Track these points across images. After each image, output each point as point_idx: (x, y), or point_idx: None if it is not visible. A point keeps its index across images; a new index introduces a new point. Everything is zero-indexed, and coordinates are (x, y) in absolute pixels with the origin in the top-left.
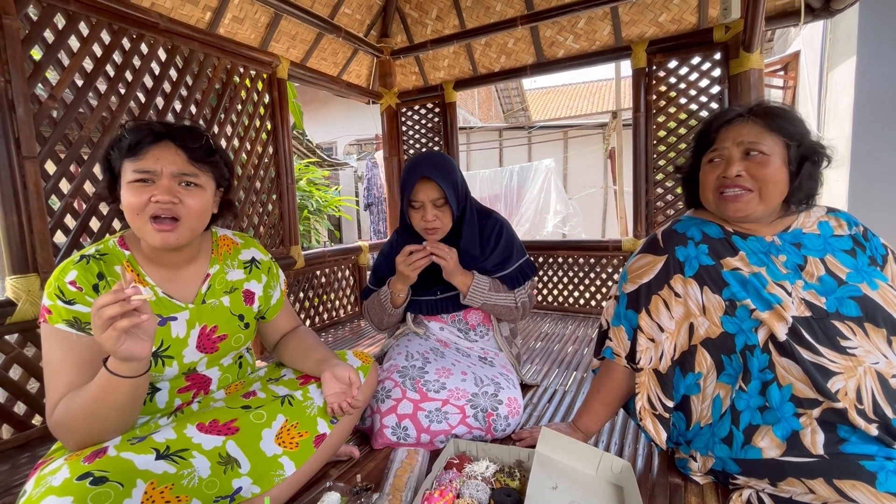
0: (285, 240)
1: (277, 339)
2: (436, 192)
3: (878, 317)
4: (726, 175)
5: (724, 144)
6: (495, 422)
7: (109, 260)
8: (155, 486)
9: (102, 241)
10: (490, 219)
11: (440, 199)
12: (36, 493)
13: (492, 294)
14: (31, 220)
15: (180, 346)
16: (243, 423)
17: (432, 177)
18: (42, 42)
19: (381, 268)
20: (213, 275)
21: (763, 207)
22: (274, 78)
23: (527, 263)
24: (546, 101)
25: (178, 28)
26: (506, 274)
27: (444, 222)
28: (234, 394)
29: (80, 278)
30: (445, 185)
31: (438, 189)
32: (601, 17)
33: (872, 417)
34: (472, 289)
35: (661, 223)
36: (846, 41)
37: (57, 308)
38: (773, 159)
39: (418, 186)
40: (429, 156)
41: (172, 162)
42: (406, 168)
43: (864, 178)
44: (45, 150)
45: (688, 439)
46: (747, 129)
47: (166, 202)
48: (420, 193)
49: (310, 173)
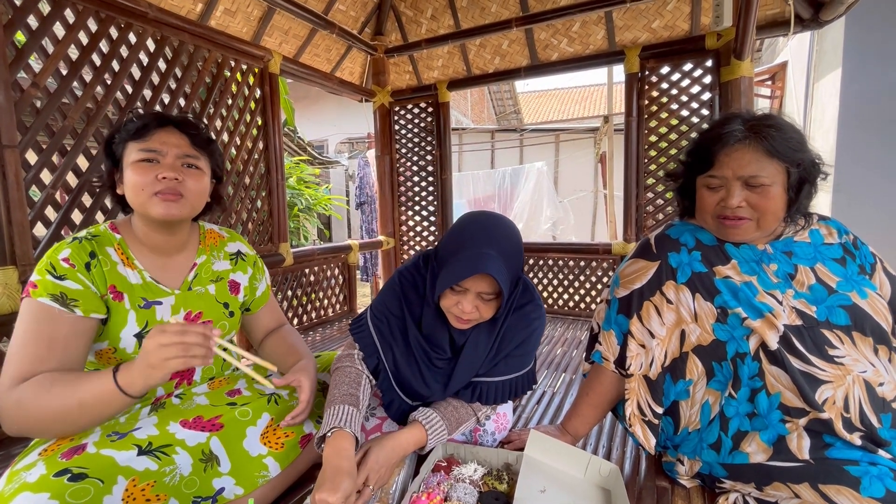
0: (274, 237)
1: (262, 335)
2: (491, 287)
3: (865, 326)
4: (726, 205)
5: (724, 173)
6: (482, 437)
7: (100, 241)
8: (136, 483)
9: (94, 226)
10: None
11: (492, 294)
12: (8, 489)
13: (452, 430)
14: (10, 211)
15: None
16: (228, 420)
17: (494, 274)
18: (26, 28)
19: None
20: (199, 264)
21: (760, 233)
22: (266, 72)
23: (525, 378)
24: (538, 105)
25: (167, 18)
26: (492, 382)
27: (484, 315)
28: (218, 390)
29: (74, 256)
30: (504, 279)
31: (496, 285)
32: (595, 22)
33: (858, 426)
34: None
35: (651, 227)
36: (832, 53)
37: (44, 282)
38: (774, 189)
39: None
40: (496, 237)
41: (177, 144)
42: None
43: (848, 188)
44: (27, 139)
45: (675, 444)
46: (749, 156)
47: (171, 178)
48: (468, 281)
49: (300, 171)
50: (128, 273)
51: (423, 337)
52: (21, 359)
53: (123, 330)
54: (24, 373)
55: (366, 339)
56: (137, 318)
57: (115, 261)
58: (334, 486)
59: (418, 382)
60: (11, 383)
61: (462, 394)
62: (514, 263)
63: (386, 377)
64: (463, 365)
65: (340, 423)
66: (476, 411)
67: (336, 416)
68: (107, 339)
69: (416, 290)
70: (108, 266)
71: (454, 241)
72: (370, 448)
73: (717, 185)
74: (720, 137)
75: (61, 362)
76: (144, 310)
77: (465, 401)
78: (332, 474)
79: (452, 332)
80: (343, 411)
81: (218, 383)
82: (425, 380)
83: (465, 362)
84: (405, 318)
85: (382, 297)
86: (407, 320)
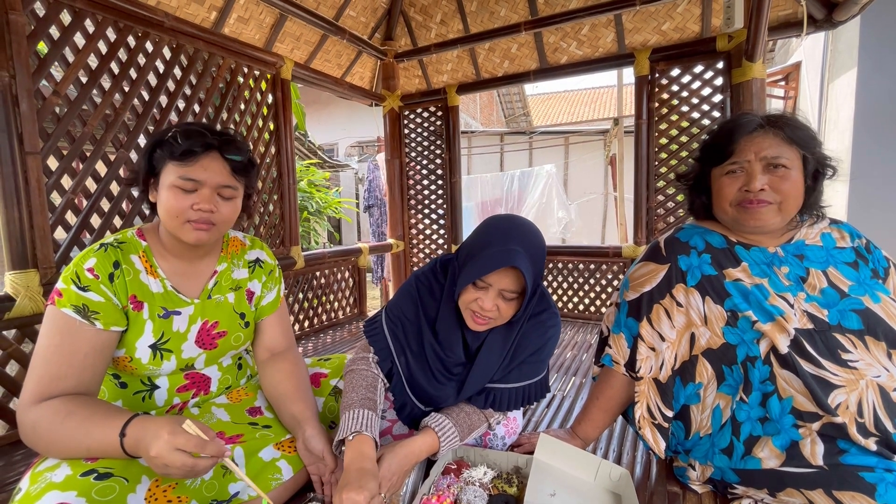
0: (285, 240)
1: (266, 354)
2: (515, 285)
3: (878, 330)
4: (749, 189)
5: (746, 157)
6: (491, 441)
7: (126, 249)
8: (159, 484)
9: (121, 231)
10: (539, 327)
11: (514, 293)
12: (34, 489)
13: (464, 437)
14: (31, 216)
15: (180, 341)
16: (249, 439)
17: (521, 268)
18: (48, 38)
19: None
20: (220, 272)
21: (780, 219)
22: (278, 78)
23: (538, 386)
24: (548, 107)
25: (183, 27)
26: (506, 388)
27: (504, 315)
28: (237, 405)
29: (98, 266)
30: (530, 278)
31: (520, 282)
32: (605, 25)
33: (873, 431)
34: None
35: (661, 230)
36: (847, 53)
37: (69, 292)
38: (794, 173)
39: (499, 271)
40: (524, 233)
41: (218, 173)
42: (488, 231)
43: (864, 190)
44: (48, 146)
45: (687, 448)
46: (768, 141)
47: (206, 211)
48: (493, 276)
49: (311, 174)
50: (150, 282)
51: (437, 342)
52: (42, 375)
53: (139, 340)
54: (43, 390)
55: (380, 343)
56: (154, 328)
57: (138, 269)
58: (361, 485)
59: (432, 387)
60: (32, 400)
61: (475, 399)
62: (538, 264)
63: (399, 381)
64: (477, 371)
65: (361, 428)
66: (488, 417)
67: (356, 420)
68: (124, 346)
69: (432, 294)
70: (131, 276)
71: (479, 239)
72: (383, 455)
73: (738, 170)
74: (740, 126)
75: (79, 380)
76: (162, 319)
77: (477, 407)
78: (357, 475)
79: (467, 337)
80: (363, 416)
81: (236, 394)
82: (439, 384)
83: (479, 368)
84: (420, 323)
85: (397, 299)
86: (422, 324)
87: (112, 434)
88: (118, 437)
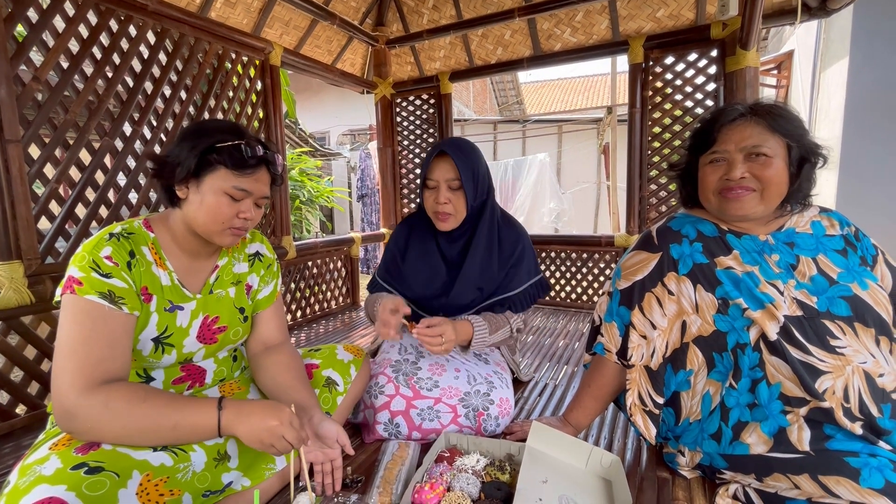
0: (276, 230)
1: (259, 347)
2: (452, 172)
3: (867, 316)
4: (730, 178)
5: (727, 147)
6: (485, 421)
7: (135, 240)
8: (150, 479)
9: (127, 221)
10: (512, 228)
11: (455, 180)
12: (23, 482)
13: (493, 336)
14: (14, 206)
15: (182, 336)
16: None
17: (451, 154)
18: (26, 21)
19: (390, 261)
20: (221, 266)
21: (763, 207)
22: (266, 64)
23: (538, 284)
24: (541, 95)
25: (167, 11)
26: (513, 295)
27: (458, 208)
28: (230, 397)
29: (115, 254)
30: (463, 166)
31: (455, 169)
32: (599, 11)
33: (858, 416)
34: (475, 343)
35: (654, 219)
36: (840, 42)
37: (90, 279)
38: (776, 161)
39: (434, 163)
40: (453, 139)
41: (265, 185)
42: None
43: (854, 179)
44: (29, 133)
45: (676, 434)
46: (750, 129)
47: (250, 219)
48: (436, 171)
49: (302, 163)
50: (160, 274)
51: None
52: (85, 360)
53: (143, 332)
54: (91, 374)
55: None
56: (159, 322)
57: (149, 261)
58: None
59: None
60: (85, 384)
61: (497, 310)
62: (472, 162)
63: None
64: (472, 260)
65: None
66: (509, 318)
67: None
68: None
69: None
70: (144, 267)
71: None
72: (443, 321)
73: (720, 159)
74: (722, 114)
75: (122, 362)
76: (168, 313)
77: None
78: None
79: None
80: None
81: (229, 387)
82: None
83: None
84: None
85: (383, 256)
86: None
87: (208, 412)
88: (216, 414)
